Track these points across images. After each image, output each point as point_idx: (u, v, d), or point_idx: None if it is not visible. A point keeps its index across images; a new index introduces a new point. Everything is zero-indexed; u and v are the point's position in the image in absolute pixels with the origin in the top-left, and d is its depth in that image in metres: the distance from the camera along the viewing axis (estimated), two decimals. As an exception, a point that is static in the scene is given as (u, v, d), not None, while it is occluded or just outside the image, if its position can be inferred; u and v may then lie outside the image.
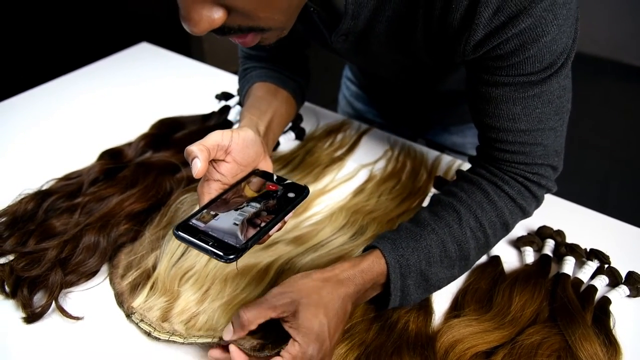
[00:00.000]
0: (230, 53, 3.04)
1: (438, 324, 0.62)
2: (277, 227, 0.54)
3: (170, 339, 0.56)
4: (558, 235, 0.76)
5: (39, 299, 0.62)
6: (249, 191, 0.58)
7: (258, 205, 0.55)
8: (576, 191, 2.31)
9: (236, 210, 0.54)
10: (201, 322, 0.58)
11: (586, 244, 0.74)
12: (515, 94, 0.58)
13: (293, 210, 0.56)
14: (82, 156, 0.86)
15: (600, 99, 3.20)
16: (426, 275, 0.59)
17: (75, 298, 0.63)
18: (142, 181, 0.77)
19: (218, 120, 0.95)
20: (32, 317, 0.59)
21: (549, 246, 0.74)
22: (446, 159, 0.93)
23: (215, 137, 0.56)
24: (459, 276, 0.64)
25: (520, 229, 0.78)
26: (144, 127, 0.93)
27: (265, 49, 0.77)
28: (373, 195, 0.80)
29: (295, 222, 0.76)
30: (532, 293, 0.65)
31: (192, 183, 0.78)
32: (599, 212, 0.84)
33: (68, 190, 0.76)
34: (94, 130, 0.97)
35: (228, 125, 0.95)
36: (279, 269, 0.65)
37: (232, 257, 0.48)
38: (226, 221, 0.52)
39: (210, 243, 0.49)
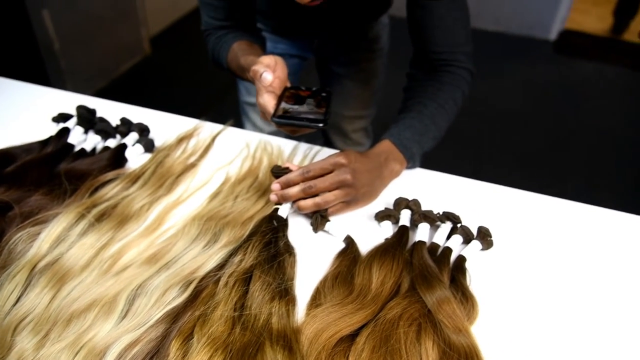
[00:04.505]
0: (93, 70, 2.88)
1: (302, 316, 0.61)
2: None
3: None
4: (414, 205, 0.78)
5: None
6: (296, 96, 0.79)
7: (312, 101, 0.78)
8: (451, 155, 2.45)
9: (299, 105, 0.77)
10: (39, 371, 0.52)
11: (442, 208, 0.77)
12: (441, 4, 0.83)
13: (331, 101, 0.80)
14: None
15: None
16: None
17: None
18: (-35, 228, 0.69)
19: (57, 145, 0.87)
20: None
21: (406, 217, 0.76)
22: (303, 147, 0.92)
23: (266, 60, 0.78)
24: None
25: (378, 204, 0.80)
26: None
27: (229, 21, 0.99)
28: (229, 197, 0.77)
29: (149, 239, 0.71)
30: (390, 266, 0.66)
31: (26, 219, 0.71)
32: (452, 174, 0.88)
33: None
34: None
35: (69, 149, 0.87)
36: (129, 296, 0.61)
37: (322, 124, 0.73)
38: (301, 109, 0.76)
39: (304, 120, 0.73)
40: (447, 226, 0.75)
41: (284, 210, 0.74)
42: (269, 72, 0.76)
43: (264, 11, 1.12)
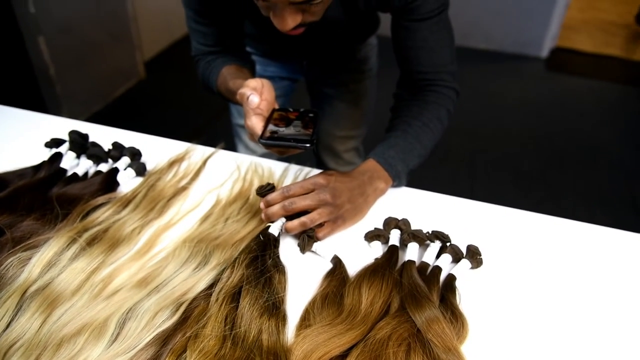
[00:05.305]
0: (89, 94, 2.90)
1: (292, 337, 0.61)
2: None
3: None
4: (403, 224, 0.78)
5: None
6: (284, 117, 0.80)
7: (299, 122, 0.78)
8: (445, 174, 2.46)
9: (287, 126, 0.77)
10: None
11: (431, 227, 0.78)
12: (424, 25, 0.86)
13: (318, 122, 0.80)
14: None
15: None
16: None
17: None
18: (-45, 254, 0.69)
19: (50, 170, 0.88)
20: None
21: (395, 236, 0.77)
22: (293, 168, 0.93)
23: (253, 83, 0.79)
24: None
25: (367, 224, 0.80)
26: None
27: (218, 46, 1.01)
28: (219, 220, 0.78)
29: (140, 262, 0.72)
30: (379, 286, 0.67)
31: (17, 244, 0.72)
32: (446, 194, 0.89)
33: None
34: None
35: (61, 174, 0.88)
36: (120, 319, 0.61)
37: (309, 144, 0.73)
38: (289, 131, 0.76)
39: (291, 140, 0.73)
40: (436, 245, 0.75)
41: (275, 229, 0.75)
42: (256, 95, 0.77)
43: (253, 35, 1.14)
